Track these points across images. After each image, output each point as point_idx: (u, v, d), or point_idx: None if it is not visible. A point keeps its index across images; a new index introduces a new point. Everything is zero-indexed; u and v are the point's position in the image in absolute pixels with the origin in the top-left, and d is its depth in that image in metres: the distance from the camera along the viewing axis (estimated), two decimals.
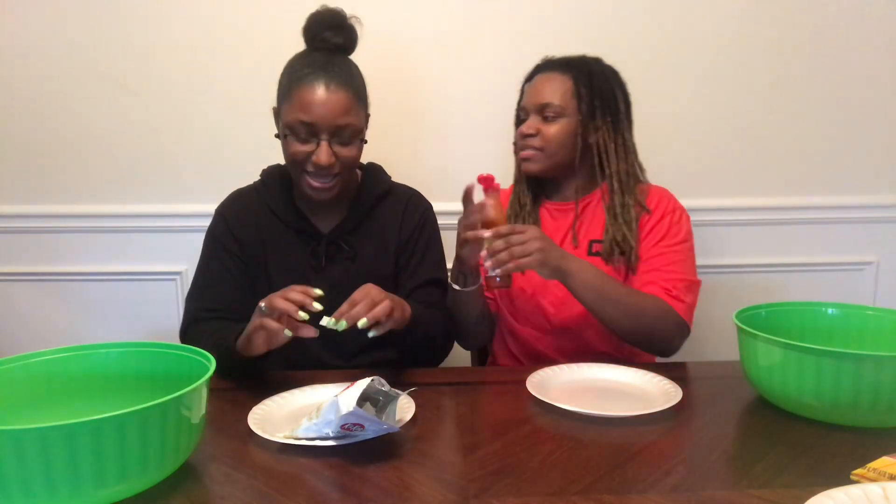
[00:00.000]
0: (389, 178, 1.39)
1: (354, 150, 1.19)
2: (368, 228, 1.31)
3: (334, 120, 1.14)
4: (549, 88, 1.32)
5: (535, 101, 1.32)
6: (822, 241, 1.85)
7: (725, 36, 1.75)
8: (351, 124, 1.16)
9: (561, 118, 1.31)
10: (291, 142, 1.16)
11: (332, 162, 1.16)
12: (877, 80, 1.78)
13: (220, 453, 0.84)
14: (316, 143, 1.15)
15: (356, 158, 1.21)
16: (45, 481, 0.65)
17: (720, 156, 1.80)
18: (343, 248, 1.28)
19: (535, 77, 1.36)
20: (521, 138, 1.35)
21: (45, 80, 1.69)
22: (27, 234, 1.76)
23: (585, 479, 0.77)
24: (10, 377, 0.85)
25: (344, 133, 1.16)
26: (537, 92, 1.33)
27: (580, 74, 1.32)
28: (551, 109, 1.31)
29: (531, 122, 1.32)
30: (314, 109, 1.13)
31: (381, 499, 0.73)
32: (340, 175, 1.20)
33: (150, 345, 0.92)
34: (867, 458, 0.78)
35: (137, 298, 1.77)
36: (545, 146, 1.32)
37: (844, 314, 1.10)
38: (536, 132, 1.32)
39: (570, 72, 1.32)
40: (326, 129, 1.14)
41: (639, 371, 1.10)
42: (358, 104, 1.18)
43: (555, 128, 1.31)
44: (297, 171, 1.20)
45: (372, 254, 1.30)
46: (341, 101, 1.14)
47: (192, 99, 1.71)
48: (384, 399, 0.88)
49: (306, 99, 1.13)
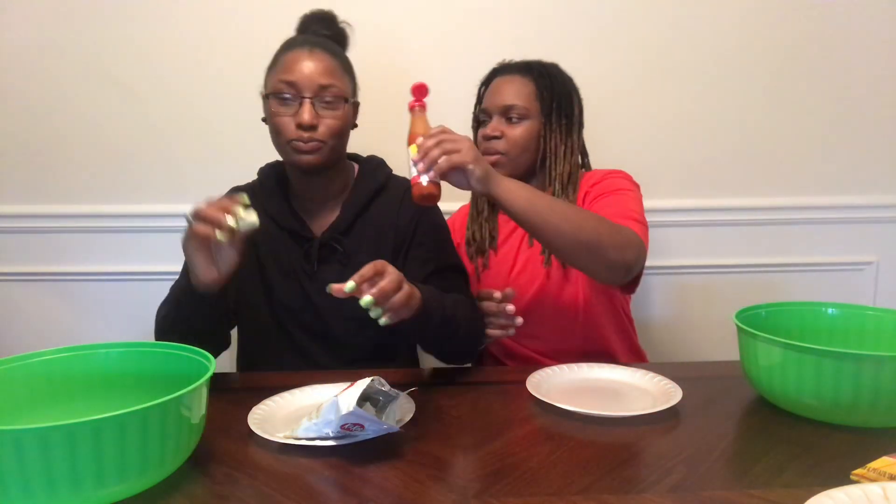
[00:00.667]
0: (389, 172, 1.33)
1: (339, 116, 1.16)
2: (363, 228, 1.26)
3: (317, 79, 1.13)
4: (513, 90, 1.32)
5: (499, 103, 1.32)
6: (822, 241, 1.85)
7: (725, 36, 1.75)
8: (335, 85, 1.14)
9: (525, 120, 1.31)
10: (275, 106, 1.15)
11: (315, 122, 1.13)
12: (877, 80, 1.78)
13: (220, 453, 0.84)
14: (299, 105, 1.14)
15: (341, 126, 1.17)
16: (45, 481, 0.65)
17: (720, 156, 1.80)
18: (336, 250, 1.24)
19: (493, 80, 1.36)
20: (483, 140, 1.34)
21: (45, 80, 1.69)
22: (27, 234, 1.76)
23: (585, 479, 0.77)
24: (10, 377, 0.85)
25: (327, 94, 1.14)
26: (500, 94, 1.32)
27: (541, 77, 1.33)
28: (516, 111, 1.31)
29: (495, 124, 1.32)
30: (296, 68, 1.13)
31: (381, 499, 0.73)
32: (325, 142, 1.16)
33: (150, 345, 0.92)
34: (867, 458, 0.78)
35: (137, 298, 1.77)
36: (509, 149, 1.32)
37: (844, 314, 1.10)
38: (501, 134, 1.31)
39: (530, 74, 1.33)
40: (309, 87, 1.13)
41: (639, 371, 1.10)
42: (343, 72, 1.18)
43: (519, 130, 1.31)
44: (282, 142, 1.16)
45: (367, 255, 1.24)
46: (325, 62, 1.15)
47: (192, 99, 1.71)
48: (384, 399, 0.88)
49: (290, 60, 1.14)
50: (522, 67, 1.35)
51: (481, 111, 1.37)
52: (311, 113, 1.13)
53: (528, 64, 1.36)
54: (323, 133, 1.15)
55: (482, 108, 1.36)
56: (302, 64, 1.14)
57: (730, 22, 1.74)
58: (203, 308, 1.07)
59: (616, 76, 1.73)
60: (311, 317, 1.25)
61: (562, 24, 1.71)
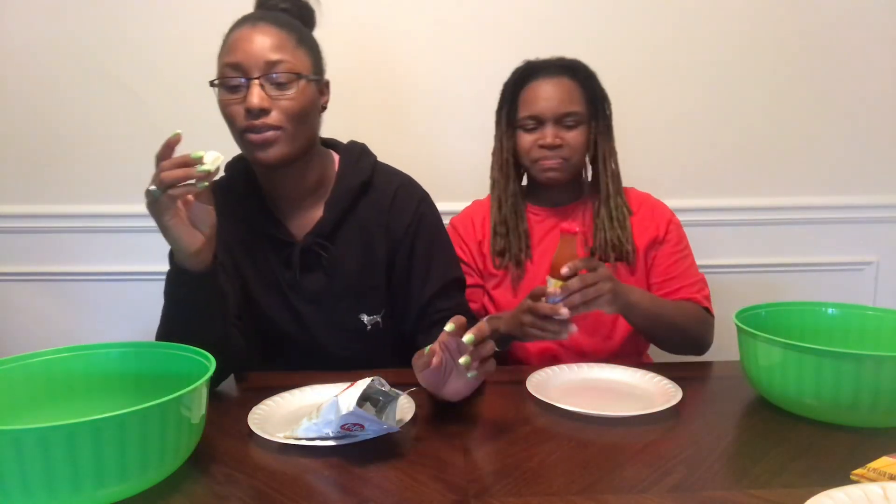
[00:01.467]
0: (373, 161, 1.19)
1: (295, 96, 1.02)
2: (349, 229, 1.14)
3: (264, 55, 0.99)
4: (565, 94, 1.29)
5: (555, 109, 1.28)
6: (822, 241, 1.85)
7: (725, 36, 1.75)
8: (285, 60, 1.01)
9: (581, 124, 1.30)
10: (222, 95, 1.02)
11: (265, 105, 0.99)
12: (877, 80, 1.78)
13: (220, 453, 0.84)
14: (247, 89, 1.00)
15: (301, 108, 1.03)
16: (45, 481, 0.65)
17: (720, 156, 1.80)
18: (320, 256, 1.12)
19: (531, 83, 1.31)
20: (538, 148, 1.30)
21: (45, 80, 1.69)
22: (27, 234, 1.76)
23: (585, 479, 0.77)
24: (10, 377, 0.85)
25: (276, 70, 1.00)
26: (551, 98, 1.28)
27: (583, 77, 1.31)
28: (573, 118, 1.29)
29: (554, 132, 1.28)
30: (241, 47, 1.00)
31: (381, 499, 0.73)
32: (283, 128, 1.02)
33: (150, 345, 0.92)
34: (867, 458, 0.77)
35: (137, 298, 1.77)
36: (571, 155, 1.30)
37: (844, 314, 1.10)
38: (562, 142, 1.29)
39: (575, 76, 1.31)
40: (255, 66, 1.00)
41: (639, 371, 1.10)
42: (297, 46, 1.03)
43: (577, 135, 1.30)
44: (237, 134, 1.04)
45: (355, 260, 1.14)
46: (271, 36, 1.01)
47: (192, 98, 1.71)
48: (384, 399, 0.88)
49: (234, 40, 1.02)
50: (565, 68, 1.31)
51: (530, 118, 1.30)
52: (259, 95, 0.99)
53: (569, 64, 1.32)
54: (277, 118, 1.01)
55: (531, 115, 1.30)
56: (246, 42, 1.00)
57: (729, 22, 1.74)
58: (201, 296, 0.96)
59: (616, 77, 1.72)
60: (297, 329, 1.16)
61: (561, 24, 1.72)
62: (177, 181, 0.88)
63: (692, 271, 1.35)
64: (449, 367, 0.88)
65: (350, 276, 1.14)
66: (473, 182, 1.50)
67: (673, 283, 1.33)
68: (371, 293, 1.14)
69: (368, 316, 1.16)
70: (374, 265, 1.15)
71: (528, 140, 1.32)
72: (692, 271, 1.35)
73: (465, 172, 1.67)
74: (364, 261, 1.15)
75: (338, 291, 1.13)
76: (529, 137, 1.31)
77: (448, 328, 0.84)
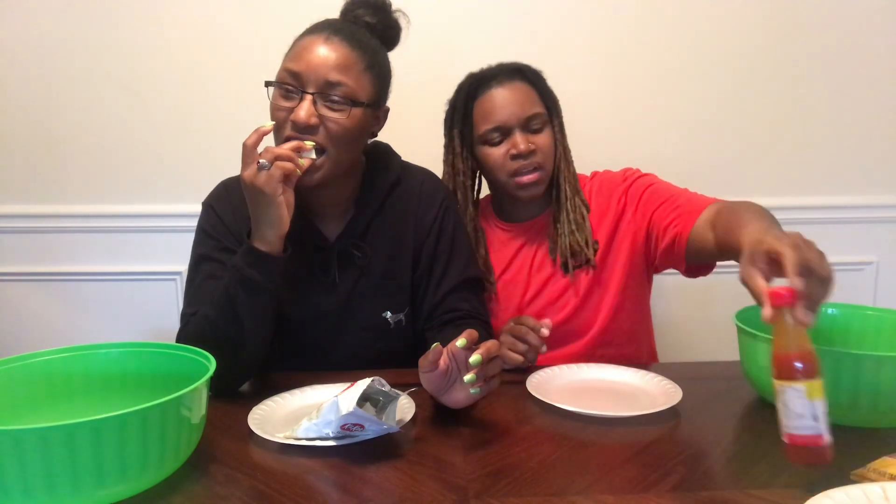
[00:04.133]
0: (399, 160, 1.19)
1: (344, 119, 0.99)
2: (379, 228, 1.14)
3: (325, 73, 0.97)
4: (524, 98, 1.22)
5: (519, 115, 1.21)
6: (822, 241, 1.81)
7: (725, 36, 1.75)
8: (344, 83, 0.98)
9: (546, 126, 1.24)
10: (275, 97, 1.01)
11: (313, 122, 0.98)
12: (877, 80, 1.78)
13: (220, 453, 0.84)
14: (300, 100, 0.99)
15: (347, 133, 1.01)
16: (45, 481, 0.65)
17: (719, 156, 1.80)
18: (354, 256, 1.12)
19: (483, 94, 1.24)
20: (510, 160, 1.22)
21: (45, 80, 1.69)
22: (27, 234, 1.76)
23: (585, 479, 0.77)
24: (10, 377, 0.85)
25: (333, 92, 0.98)
26: (511, 104, 1.21)
27: (534, 79, 1.26)
28: (538, 120, 1.23)
29: (522, 138, 1.21)
30: (305, 57, 0.98)
31: (381, 499, 0.73)
32: (325, 151, 1.00)
33: (150, 345, 0.92)
34: (867, 458, 0.77)
35: (137, 298, 1.77)
36: (544, 161, 1.23)
37: (844, 314, 1.10)
38: (536, 147, 1.21)
39: (525, 78, 1.25)
40: (314, 81, 0.98)
41: (639, 371, 1.10)
42: (364, 70, 1.01)
43: (543, 138, 1.23)
44: (277, 138, 1.03)
45: (385, 257, 1.14)
46: (340, 55, 0.99)
47: (191, 98, 1.71)
48: (384, 399, 0.88)
49: (301, 46, 1.00)
50: (516, 72, 1.25)
51: (493, 130, 1.22)
52: (308, 111, 0.97)
53: (516, 68, 1.26)
54: (321, 138, 1.00)
55: (495, 127, 1.22)
56: (312, 53, 0.98)
57: (730, 23, 1.74)
58: (276, 281, 0.98)
59: (617, 77, 1.73)
60: (321, 330, 1.14)
61: (561, 24, 1.71)
62: (285, 157, 0.93)
63: (685, 195, 1.23)
64: (453, 375, 0.89)
65: (379, 274, 1.14)
66: None
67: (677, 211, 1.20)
68: (398, 291, 1.14)
69: (393, 314, 1.15)
70: (402, 261, 1.15)
71: (497, 154, 1.23)
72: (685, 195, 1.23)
73: None
74: (393, 258, 1.15)
75: (368, 290, 1.12)
76: (498, 151, 1.23)
77: (459, 343, 0.84)
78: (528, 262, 1.31)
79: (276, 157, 0.93)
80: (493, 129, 1.22)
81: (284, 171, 0.94)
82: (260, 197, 0.94)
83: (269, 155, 0.93)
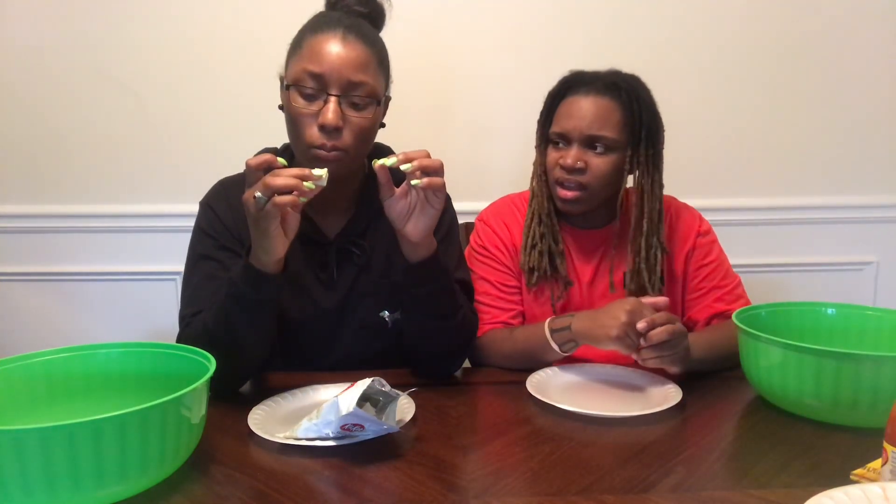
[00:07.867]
0: None
1: (368, 118, 1.00)
2: (377, 225, 1.13)
3: (348, 74, 0.97)
4: (599, 116, 1.16)
5: (583, 131, 1.16)
6: (822, 241, 1.85)
7: (726, 36, 1.75)
8: (367, 83, 0.99)
9: (612, 152, 1.17)
10: (295, 100, 0.99)
11: (340, 124, 0.98)
12: (877, 80, 1.78)
13: (220, 453, 0.84)
14: (323, 102, 0.98)
15: (369, 130, 1.02)
16: (45, 481, 0.65)
17: (720, 156, 1.80)
18: (353, 254, 1.12)
19: (571, 96, 1.19)
20: (561, 171, 1.18)
21: (45, 79, 1.69)
22: (27, 234, 1.76)
23: (585, 479, 0.77)
24: (10, 377, 0.85)
25: (357, 92, 0.99)
26: (582, 118, 1.16)
27: (630, 101, 1.17)
28: (604, 143, 1.16)
29: (577, 154, 1.16)
30: (325, 58, 0.97)
31: (381, 499, 0.73)
32: (347, 151, 1.00)
33: (150, 345, 0.91)
34: (867, 458, 0.78)
35: (137, 298, 1.77)
36: (592, 182, 1.17)
37: (844, 314, 1.10)
38: (585, 166, 1.17)
39: (618, 97, 1.17)
40: (337, 83, 0.97)
41: (639, 371, 1.10)
42: (378, 67, 1.02)
43: (604, 162, 1.17)
44: (301, 146, 1.01)
45: (382, 257, 1.14)
46: (359, 54, 0.98)
47: (192, 98, 1.71)
48: (384, 399, 0.88)
49: (318, 47, 0.98)
50: (608, 87, 1.17)
51: (558, 135, 1.19)
52: (336, 113, 0.97)
53: (614, 82, 1.18)
54: (347, 139, 0.99)
55: (560, 132, 1.19)
56: (333, 53, 0.97)
57: (728, 22, 1.74)
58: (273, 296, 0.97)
59: None
60: (319, 327, 1.14)
61: (561, 24, 1.72)
62: (286, 189, 0.87)
63: (728, 278, 1.29)
64: (414, 201, 0.98)
65: (378, 273, 1.14)
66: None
67: (711, 294, 1.27)
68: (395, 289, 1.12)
69: (391, 313, 1.15)
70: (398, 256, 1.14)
71: (552, 157, 1.21)
72: (728, 278, 1.29)
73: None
74: (392, 257, 1.13)
75: (366, 288, 1.12)
76: (554, 154, 1.20)
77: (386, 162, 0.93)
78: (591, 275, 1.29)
79: (274, 192, 0.87)
80: (560, 133, 1.20)
81: (282, 207, 0.89)
82: (255, 224, 0.91)
83: (268, 190, 0.87)
